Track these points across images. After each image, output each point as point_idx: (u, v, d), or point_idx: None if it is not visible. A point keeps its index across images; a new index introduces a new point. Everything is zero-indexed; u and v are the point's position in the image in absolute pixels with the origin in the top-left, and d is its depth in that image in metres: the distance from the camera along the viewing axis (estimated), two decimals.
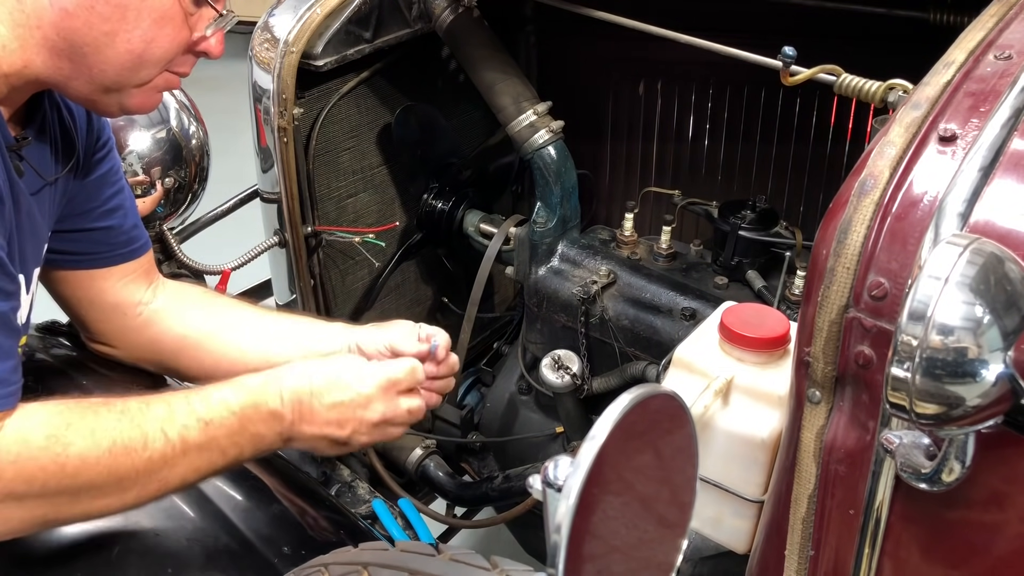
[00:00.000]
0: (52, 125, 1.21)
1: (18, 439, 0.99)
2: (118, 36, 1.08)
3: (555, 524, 0.70)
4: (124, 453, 1.04)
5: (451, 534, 2.24)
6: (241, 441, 1.13)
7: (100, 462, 1.02)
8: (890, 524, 0.85)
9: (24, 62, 1.08)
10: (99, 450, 1.02)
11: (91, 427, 1.03)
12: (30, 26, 1.06)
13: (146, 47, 1.10)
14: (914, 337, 0.69)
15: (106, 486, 1.04)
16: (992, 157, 0.83)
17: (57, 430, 1.01)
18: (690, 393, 1.15)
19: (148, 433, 1.06)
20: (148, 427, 1.06)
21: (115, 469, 1.03)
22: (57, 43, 1.08)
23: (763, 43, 1.42)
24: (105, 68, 1.11)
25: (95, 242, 1.35)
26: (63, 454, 1.00)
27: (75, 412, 1.04)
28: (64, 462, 1.00)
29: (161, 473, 1.07)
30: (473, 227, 1.93)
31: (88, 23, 1.07)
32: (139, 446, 1.05)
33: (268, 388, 1.15)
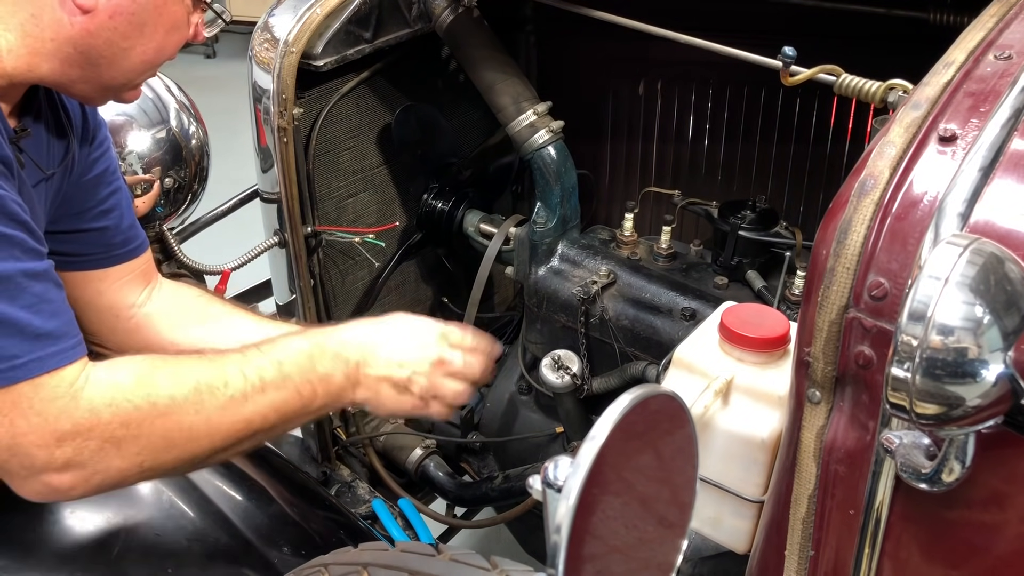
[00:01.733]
0: (46, 119, 1.21)
1: (110, 383, 1.02)
2: (135, 50, 1.12)
3: (555, 524, 0.70)
4: (208, 391, 1.07)
5: (451, 534, 2.24)
6: (313, 380, 1.15)
7: (188, 400, 1.05)
8: (890, 524, 0.85)
9: (30, 67, 1.09)
10: (186, 389, 1.06)
11: (175, 370, 1.07)
12: (43, 38, 1.08)
13: (157, 55, 1.15)
14: (914, 337, 0.69)
15: (195, 426, 1.06)
16: (992, 157, 0.83)
17: (145, 374, 1.04)
18: (690, 393, 1.15)
19: (227, 373, 1.09)
20: (226, 368, 1.10)
21: (202, 408, 1.06)
22: (71, 55, 1.10)
23: (763, 43, 1.42)
24: (116, 75, 1.15)
25: (91, 243, 1.35)
26: (154, 394, 1.03)
27: (157, 359, 1.08)
28: (156, 401, 1.03)
29: (244, 411, 1.10)
30: (473, 227, 1.93)
31: (109, 41, 1.10)
32: (220, 384, 1.08)
33: (332, 334, 1.20)
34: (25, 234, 1.01)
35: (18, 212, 1.01)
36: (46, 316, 1.00)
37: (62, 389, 1.00)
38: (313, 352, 1.16)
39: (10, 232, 0.99)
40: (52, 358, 0.99)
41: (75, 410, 1.00)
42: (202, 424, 1.07)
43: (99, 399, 1.01)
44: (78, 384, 1.01)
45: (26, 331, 0.98)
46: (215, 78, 5.71)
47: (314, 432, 2.01)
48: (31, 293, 0.99)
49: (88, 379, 1.02)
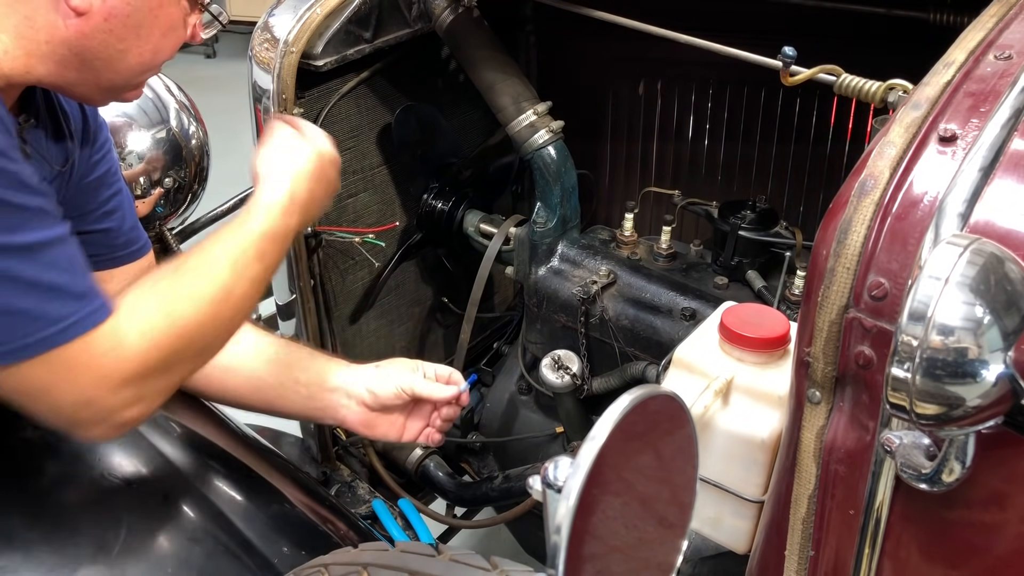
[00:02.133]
0: (45, 122, 1.21)
1: (142, 329, 1.09)
2: (131, 52, 1.12)
3: (555, 525, 0.70)
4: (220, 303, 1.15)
5: (451, 534, 2.24)
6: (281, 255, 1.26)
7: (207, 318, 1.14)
8: (890, 524, 0.85)
9: (27, 68, 1.09)
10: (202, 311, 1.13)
11: (188, 295, 1.13)
12: (38, 40, 1.08)
13: (154, 56, 1.15)
14: (914, 337, 0.69)
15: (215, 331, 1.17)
16: (992, 157, 0.83)
17: (168, 307, 1.11)
18: (690, 393, 1.15)
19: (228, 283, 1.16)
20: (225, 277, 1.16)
21: (217, 317, 1.15)
22: (67, 57, 1.10)
23: (763, 43, 1.42)
24: (113, 77, 1.15)
25: (95, 244, 1.35)
26: (182, 324, 1.11)
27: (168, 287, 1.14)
28: (186, 329, 1.12)
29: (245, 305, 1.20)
30: (473, 227, 1.93)
31: (104, 43, 1.10)
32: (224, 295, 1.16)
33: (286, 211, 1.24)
34: (44, 201, 1.04)
35: (34, 182, 1.03)
36: (80, 275, 1.06)
37: (108, 345, 1.06)
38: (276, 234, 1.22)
39: (31, 202, 1.02)
40: (95, 314, 1.05)
41: (126, 356, 1.07)
42: (223, 329, 1.18)
43: (140, 345, 1.08)
44: (118, 336, 1.07)
45: (68, 293, 1.03)
46: (215, 78, 5.71)
47: (314, 432, 2.01)
48: (65, 257, 1.05)
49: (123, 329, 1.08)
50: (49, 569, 1.20)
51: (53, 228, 1.04)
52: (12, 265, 0.99)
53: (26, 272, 1.00)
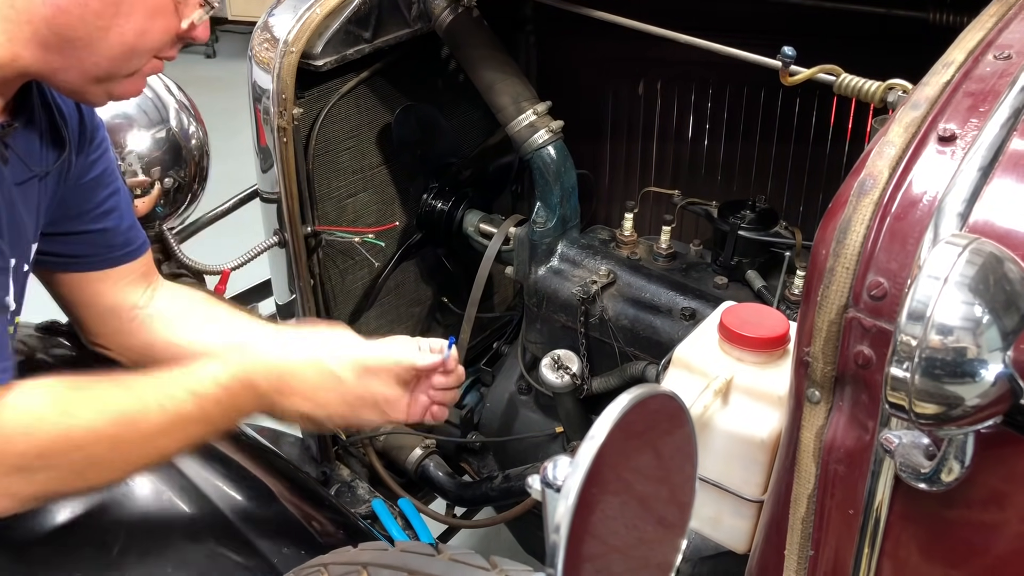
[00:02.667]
0: (40, 120, 1.20)
1: (29, 412, 1.01)
2: (112, 30, 1.08)
3: (554, 524, 0.70)
4: (127, 424, 1.07)
5: (451, 534, 2.24)
6: (229, 412, 1.17)
7: (106, 433, 1.05)
8: (889, 524, 0.85)
9: (12, 55, 1.07)
10: (104, 422, 1.05)
11: (95, 400, 1.06)
12: (19, 21, 1.06)
13: (138, 39, 1.10)
14: (913, 337, 0.69)
15: (110, 457, 1.07)
16: (991, 157, 0.83)
17: (65, 404, 1.03)
18: (689, 393, 1.15)
19: (148, 405, 1.09)
20: (147, 400, 1.09)
21: (118, 440, 1.06)
22: (48, 38, 1.07)
23: (763, 43, 1.42)
24: (98, 61, 1.11)
25: (91, 244, 1.35)
26: (73, 426, 1.02)
27: (79, 387, 1.06)
28: (72, 434, 1.02)
29: (159, 442, 1.11)
30: (473, 227, 1.93)
31: (82, 19, 1.06)
32: (140, 418, 1.08)
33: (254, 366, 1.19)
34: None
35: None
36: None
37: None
38: (232, 387, 1.16)
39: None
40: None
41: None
42: (117, 458, 1.08)
43: (14, 426, 1.00)
44: (3, 409, 1.00)
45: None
46: (215, 78, 5.71)
47: (314, 432, 2.01)
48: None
49: (6, 404, 1.01)
50: (49, 569, 1.19)
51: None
52: None
53: None
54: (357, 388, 1.24)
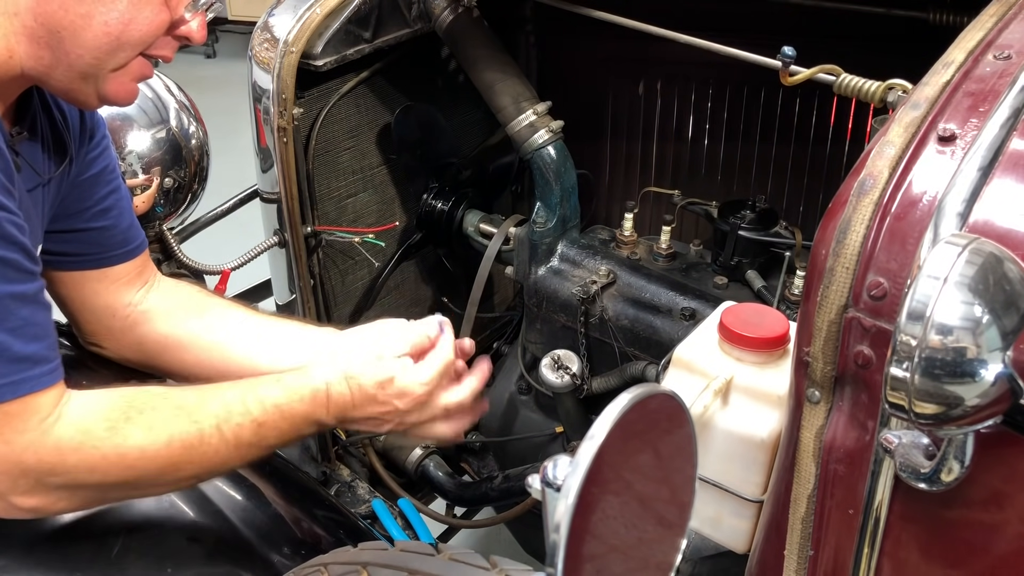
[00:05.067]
0: (42, 125, 1.20)
1: (80, 428, 1.01)
2: (94, 18, 1.07)
3: (554, 523, 0.70)
4: (181, 447, 1.06)
5: (451, 534, 2.24)
6: (287, 438, 1.17)
7: (159, 455, 1.05)
8: (889, 524, 0.85)
9: (8, 52, 1.07)
10: (157, 444, 1.05)
11: (150, 421, 1.05)
12: (8, 13, 1.06)
13: (124, 28, 1.09)
14: (913, 337, 0.69)
15: (161, 477, 1.07)
16: (991, 157, 0.83)
17: (117, 422, 1.03)
18: (689, 393, 1.15)
19: (204, 430, 1.08)
20: (204, 424, 1.09)
21: (172, 461, 1.06)
22: (36, 30, 1.07)
23: (763, 43, 1.42)
24: (82, 52, 1.09)
25: (90, 243, 1.34)
26: (123, 445, 1.03)
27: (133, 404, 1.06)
28: (125, 452, 1.03)
29: (212, 464, 1.11)
30: (473, 227, 1.93)
31: (63, 5, 1.05)
32: (196, 442, 1.07)
33: (318, 396, 1.17)
34: (21, 255, 1.01)
35: (15, 234, 1.00)
36: (27, 339, 1.00)
37: (34, 422, 0.99)
38: (296, 416, 1.16)
39: (5, 255, 0.98)
40: (25, 383, 0.99)
41: (41, 447, 0.99)
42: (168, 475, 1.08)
43: (67, 441, 1.00)
44: (50, 419, 1.00)
45: (5, 354, 0.97)
46: (215, 78, 5.71)
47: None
48: (17, 315, 0.99)
49: (60, 415, 1.01)
50: (49, 569, 1.19)
51: (14, 284, 0.99)
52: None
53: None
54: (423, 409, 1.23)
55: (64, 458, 1.01)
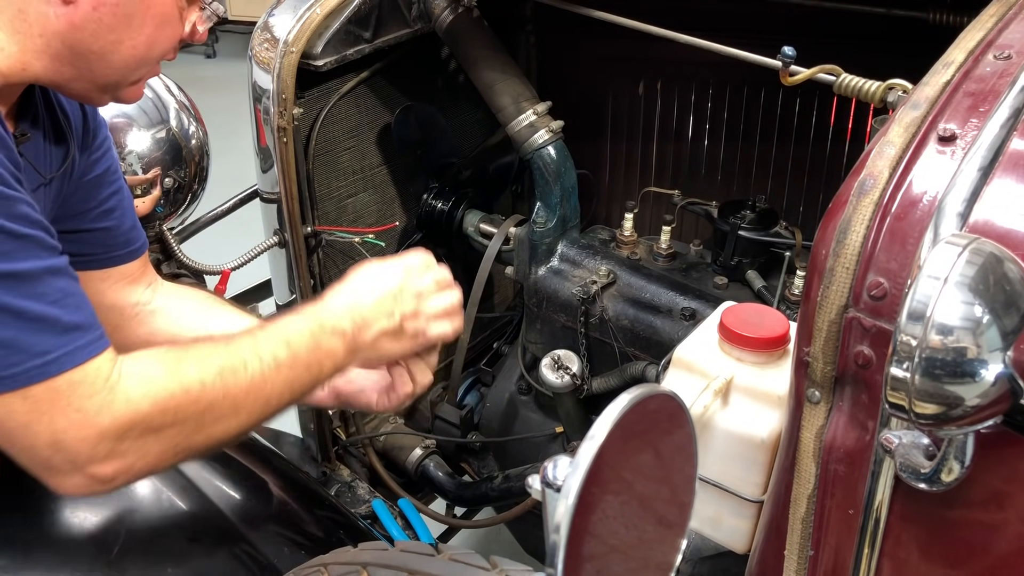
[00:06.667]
0: (44, 123, 1.21)
1: (143, 376, 1.04)
2: (124, 43, 1.10)
3: (554, 524, 0.70)
4: (232, 374, 1.10)
5: (451, 534, 2.24)
6: (320, 356, 1.19)
7: (215, 385, 1.08)
8: (889, 524, 0.85)
9: (23, 65, 1.08)
10: (211, 375, 1.08)
11: (197, 357, 1.09)
12: (31, 34, 1.07)
13: (148, 49, 1.13)
14: (913, 337, 0.69)
15: (222, 407, 1.10)
16: (991, 157, 0.83)
17: (172, 364, 1.07)
18: (689, 393, 1.15)
19: (245, 356, 1.12)
20: (244, 352, 1.12)
21: (228, 390, 1.09)
22: (60, 51, 1.08)
23: (763, 43, 1.42)
24: (108, 72, 1.13)
25: (93, 243, 1.35)
26: (185, 382, 1.06)
27: (177, 349, 1.10)
28: (188, 387, 1.06)
29: (264, 391, 1.13)
30: (473, 227, 1.93)
31: (95, 34, 1.08)
32: (241, 368, 1.11)
33: (325, 309, 1.22)
34: (42, 233, 1.02)
35: (32, 213, 1.01)
36: (72, 309, 1.02)
37: (99, 383, 1.01)
38: (314, 331, 1.19)
39: (30, 232, 1.00)
40: (82, 350, 1.00)
41: (113, 404, 1.01)
42: (229, 406, 1.10)
43: (136, 391, 1.03)
44: (113, 378, 1.03)
45: (55, 326, 0.99)
46: (215, 78, 5.71)
47: (314, 432, 2.01)
48: (56, 288, 1.01)
49: (121, 372, 1.03)
50: (49, 569, 1.20)
51: (46, 259, 1.01)
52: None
53: (12, 301, 0.96)
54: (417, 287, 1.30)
55: (136, 409, 1.02)
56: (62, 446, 0.99)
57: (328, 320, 1.21)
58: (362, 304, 1.24)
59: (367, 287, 1.26)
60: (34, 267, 0.99)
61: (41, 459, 1.01)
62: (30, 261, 0.98)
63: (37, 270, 0.99)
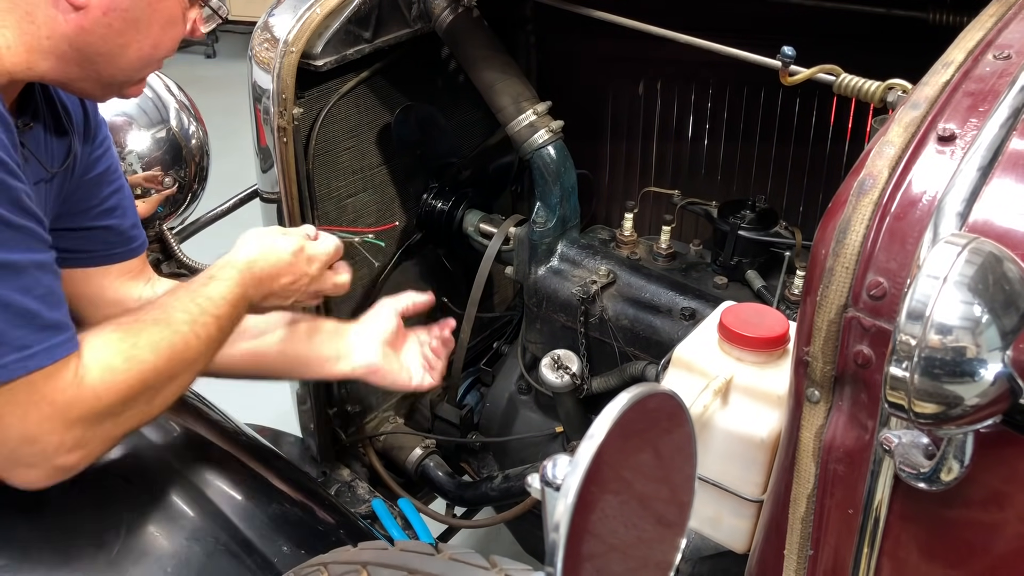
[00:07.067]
0: (45, 117, 1.21)
1: (103, 368, 1.08)
2: (131, 46, 1.12)
3: (553, 523, 0.70)
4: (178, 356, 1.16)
5: (451, 534, 2.24)
6: (234, 325, 1.28)
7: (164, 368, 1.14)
8: (889, 523, 0.85)
9: (29, 64, 1.09)
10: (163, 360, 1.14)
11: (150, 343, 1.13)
12: (39, 36, 1.08)
13: (154, 50, 1.15)
14: (913, 336, 0.69)
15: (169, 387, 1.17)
16: (991, 157, 0.83)
17: (128, 352, 1.11)
18: (689, 392, 1.15)
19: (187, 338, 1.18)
20: (185, 333, 1.18)
21: (173, 371, 1.16)
22: (67, 52, 1.10)
23: (763, 43, 1.42)
24: (115, 72, 1.15)
25: (95, 241, 1.35)
26: (143, 369, 1.11)
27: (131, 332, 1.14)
28: (145, 376, 1.12)
29: (197, 366, 1.21)
30: (473, 227, 1.93)
31: (103, 37, 1.10)
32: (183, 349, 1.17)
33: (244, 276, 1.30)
34: (36, 225, 1.03)
35: (29, 204, 1.03)
36: (52, 306, 1.04)
37: (69, 379, 1.04)
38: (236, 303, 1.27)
39: (24, 223, 1.01)
40: (59, 348, 1.03)
41: (81, 398, 1.05)
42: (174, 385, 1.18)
43: (100, 385, 1.07)
44: (80, 372, 1.05)
45: (36, 321, 1.01)
46: (215, 78, 5.71)
47: (314, 432, 2.02)
48: (42, 284, 1.03)
49: (85, 366, 1.06)
50: (49, 569, 1.19)
51: (37, 253, 1.03)
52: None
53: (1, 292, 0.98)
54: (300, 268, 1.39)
55: (102, 401, 1.07)
56: (33, 439, 1.03)
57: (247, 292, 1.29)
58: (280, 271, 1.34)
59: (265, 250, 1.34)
60: (25, 259, 1.00)
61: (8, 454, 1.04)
62: (22, 253, 1.00)
63: (27, 263, 1.01)
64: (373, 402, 2.08)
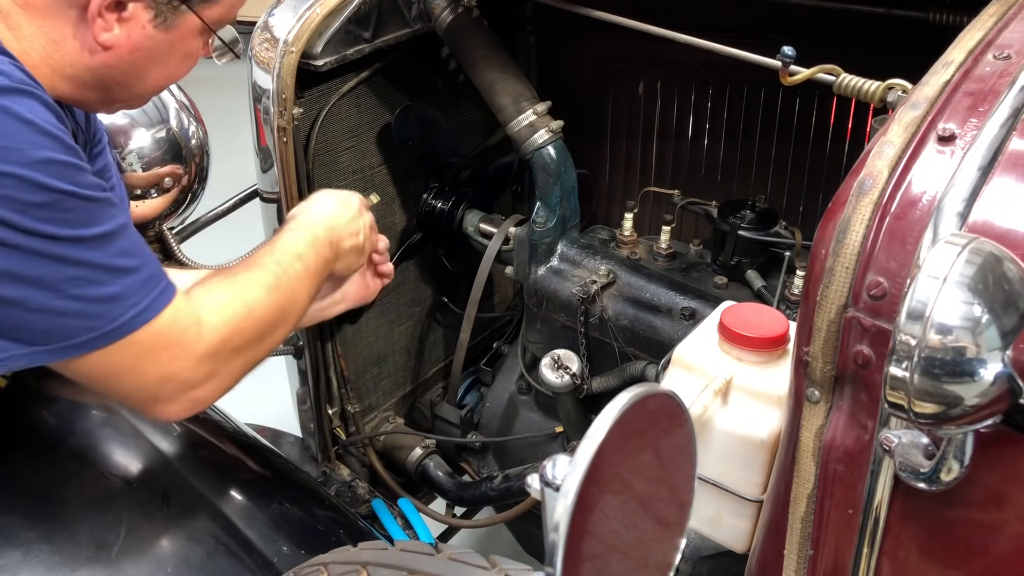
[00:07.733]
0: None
1: (215, 307, 1.20)
2: (149, 78, 1.22)
3: (553, 523, 0.70)
4: (275, 290, 1.28)
5: (451, 534, 2.24)
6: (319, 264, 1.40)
7: (267, 301, 1.26)
8: (889, 523, 0.85)
9: (50, 87, 1.13)
10: (262, 293, 1.26)
11: (246, 282, 1.26)
12: (63, 63, 1.14)
13: (168, 80, 1.25)
14: (912, 336, 0.69)
15: (274, 319, 1.28)
16: (991, 157, 0.83)
17: (231, 289, 1.24)
18: (689, 392, 1.15)
19: (277, 274, 1.30)
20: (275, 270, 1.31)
21: (276, 303, 1.28)
22: (88, 80, 1.17)
23: (763, 43, 1.42)
24: (128, 96, 1.25)
25: None
26: (248, 301, 1.24)
27: (227, 277, 1.26)
28: (251, 306, 1.24)
29: (297, 300, 1.33)
30: (473, 227, 1.93)
31: (124, 72, 1.18)
32: (276, 284, 1.29)
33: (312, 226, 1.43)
34: (107, 193, 1.11)
35: (95, 180, 1.10)
36: (147, 260, 1.14)
37: (186, 318, 1.15)
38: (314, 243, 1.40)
39: (100, 195, 1.08)
40: (164, 294, 1.13)
41: (202, 333, 1.17)
42: (278, 317, 1.29)
43: (215, 319, 1.19)
44: (194, 311, 1.17)
45: (140, 276, 1.11)
46: (215, 78, 5.70)
47: (314, 432, 2.02)
48: (133, 242, 1.13)
49: (200, 308, 1.18)
50: (49, 569, 1.20)
51: (118, 217, 1.10)
52: (90, 255, 1.05)
53: (104, 260, 1.06)
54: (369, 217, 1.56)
55: (221, 333, 1.19)
56: (171, 377, 1.15)
57: (320, 234, 1.42)
58: (339, 223, 1.47)
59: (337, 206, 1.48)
60: (114, 227, 1.09)
61: (149, 394, 1.16)
62: (110, 222, 1.08)
63: (117, 228, 1.10)
64: (373, 402, 2.08)
